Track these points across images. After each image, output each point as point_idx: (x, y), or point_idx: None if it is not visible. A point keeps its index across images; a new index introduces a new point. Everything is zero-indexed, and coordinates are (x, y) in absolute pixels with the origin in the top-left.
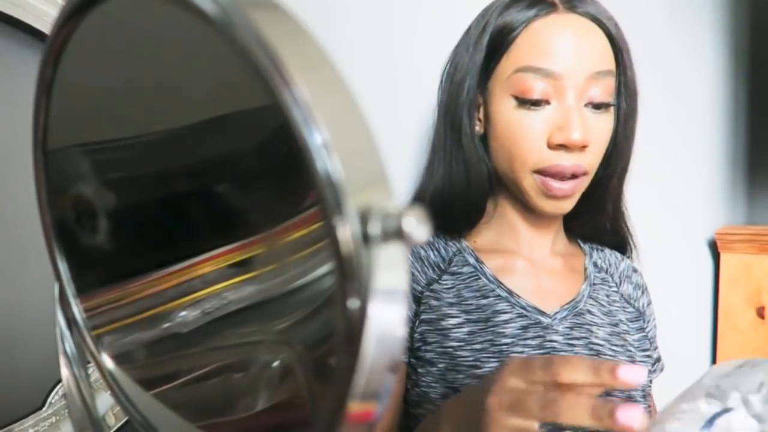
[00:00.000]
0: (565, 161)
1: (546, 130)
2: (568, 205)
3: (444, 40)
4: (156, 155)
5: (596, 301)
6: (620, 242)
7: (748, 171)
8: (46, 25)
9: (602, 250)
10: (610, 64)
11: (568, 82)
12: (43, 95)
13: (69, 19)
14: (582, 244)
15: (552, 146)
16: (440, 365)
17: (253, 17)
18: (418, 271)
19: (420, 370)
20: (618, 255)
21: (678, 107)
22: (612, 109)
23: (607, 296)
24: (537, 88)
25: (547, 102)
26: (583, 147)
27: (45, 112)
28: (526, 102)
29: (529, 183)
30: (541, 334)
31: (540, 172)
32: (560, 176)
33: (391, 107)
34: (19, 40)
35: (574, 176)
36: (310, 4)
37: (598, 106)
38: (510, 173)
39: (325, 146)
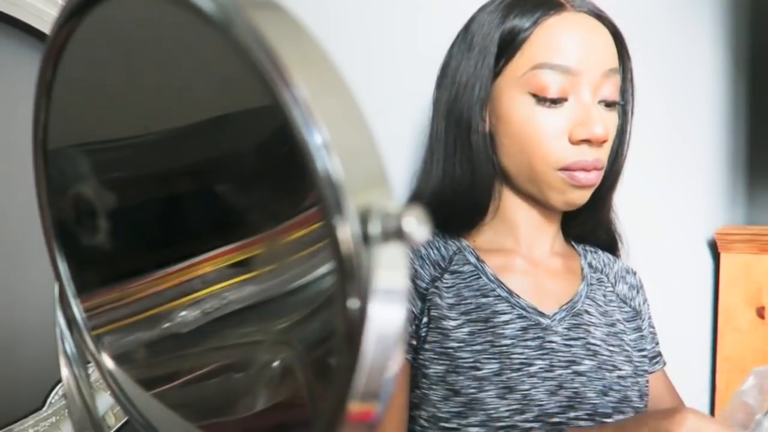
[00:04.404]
0: (588, 156)
1: (566, 127)
2: (588, 194)
3: (445, 40)
4: (156, 155)
5: (593, 301)
6: (611, 239)
7: (748, 171)
8: (46, 25)
9: (595, 252)
10: (617, 61)
11: (585, 78)
12: (43, 95)
13: (69, 19)
14: (576, 246)
15: (574, 142)
16: (440, 366)
17: (252, 17)
18: (420, 268)
19: (421, 370)
20: (610, 256)
21: (678, 107)
22: (617, 106)
23: (604, 296)
24: (554, 84)
25: (565, 99)
26: (603, 142)
27: (45, 112)
28: (545, 101)
29: (554, 179)
30: (540, 335)
31: (564, 169)
32: (584, 170)
33: (392, 107)
34: (19, 40)
35: (595, 168)
36: (310, 4)
37: (609, 104)
38: (529, 171)
39: (325, 146)
